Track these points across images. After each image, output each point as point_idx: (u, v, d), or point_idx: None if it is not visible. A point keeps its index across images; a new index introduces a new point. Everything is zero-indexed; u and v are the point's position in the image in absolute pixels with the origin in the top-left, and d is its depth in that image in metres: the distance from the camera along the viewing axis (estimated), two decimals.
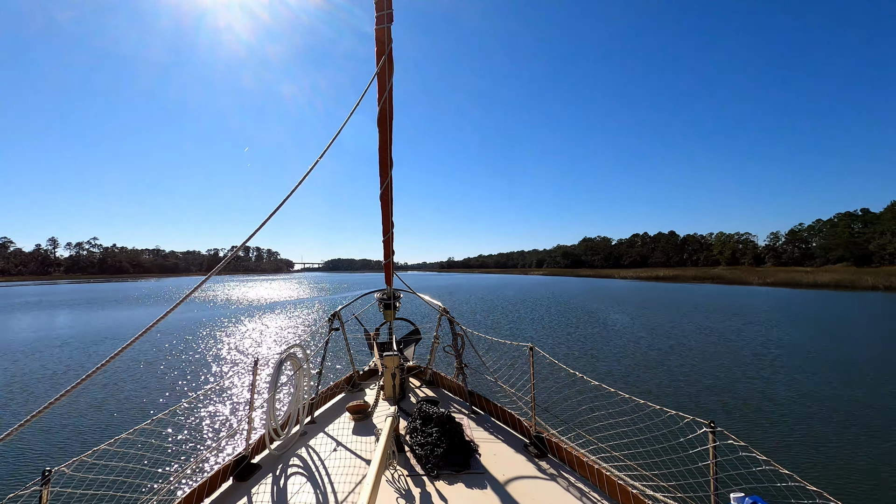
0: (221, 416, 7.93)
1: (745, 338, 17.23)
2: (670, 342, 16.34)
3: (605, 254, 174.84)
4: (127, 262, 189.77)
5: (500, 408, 4.37)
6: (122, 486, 2.82)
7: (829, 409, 8.81)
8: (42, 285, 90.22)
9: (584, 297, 40.41)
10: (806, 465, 6.38)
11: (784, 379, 11.05)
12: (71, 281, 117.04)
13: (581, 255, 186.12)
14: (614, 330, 19.47)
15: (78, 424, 8.13)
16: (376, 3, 3.38)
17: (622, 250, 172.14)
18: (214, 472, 3.20)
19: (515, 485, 3.14)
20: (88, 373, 1.98)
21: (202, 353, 14.89)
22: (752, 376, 11.27)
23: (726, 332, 18.85)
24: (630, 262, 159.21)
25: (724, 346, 15.40)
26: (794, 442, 7.19)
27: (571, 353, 14.29)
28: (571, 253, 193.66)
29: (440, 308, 5.32)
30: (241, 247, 2.91)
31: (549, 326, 20.43)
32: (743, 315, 24.86)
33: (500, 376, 4.91)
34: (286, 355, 3.93)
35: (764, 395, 9.64)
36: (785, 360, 13.24)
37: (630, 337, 17.63)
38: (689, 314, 25.44)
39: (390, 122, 3.99)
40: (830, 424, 7.96)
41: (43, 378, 11.78)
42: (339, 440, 3.98)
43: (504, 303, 33.62)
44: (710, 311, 26.73)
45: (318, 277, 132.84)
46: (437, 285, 68.53)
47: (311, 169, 3.00)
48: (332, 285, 74.69)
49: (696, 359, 13.41)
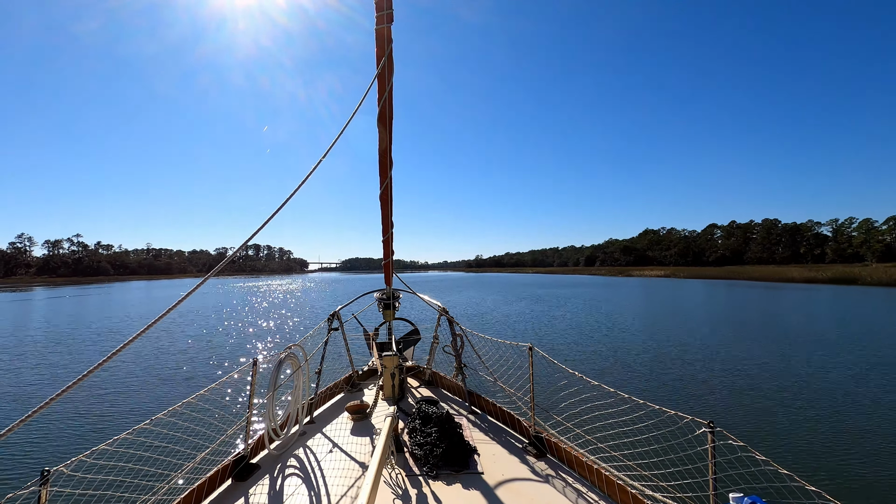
0: (220, 416, 7.91)
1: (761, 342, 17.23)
2: (671, 342, 16.35)
3: (680, 248, 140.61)
4: (108, 262, 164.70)
5: (500, 408, 4.37)
6: (120, 486, 2.81)
7: (829, 408, 8.82)
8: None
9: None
10: (805, 465, 6.39)
11: (784, 378, 11.06)
12: (12, 288, 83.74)
13: (645, 251, 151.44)
14: (616, 330, 19.47)
15: (77, 424, 8.12)
16: (376, 4, 3.38)
17: (702, 244, 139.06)
18: (213, 472, 3.20)
19: (515, 485, 3.14)
20: (86, 373, 1.97)
21: (202, 353, 14.88)
22: (751, 376, 11.29)
23: (728, 332, 18.86)
24: (716, 258, 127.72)
25: (725, 346, 15.42)
26: (794, 442, 7.19)
27: (570, 355, 14.30)
28: (633, 248, 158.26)
29: (439, 308, 5.32)
30: (240, 248, 2.90)
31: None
32: None
33: (500, 376, 4.91)
34: (285, 355, 3.92)
35: (764, 395, 9.65)
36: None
37: (630, 337, 17.64)
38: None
39: (390, 123, 3.99)
40: (830, 424, 7.96)
41: (43, 378, 11.76)
42: (338, 440, 3.97)
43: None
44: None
45: (326, 280, 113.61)
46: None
47: (312, 171, 2.99)
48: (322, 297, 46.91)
49: (697, 359, 13.42)
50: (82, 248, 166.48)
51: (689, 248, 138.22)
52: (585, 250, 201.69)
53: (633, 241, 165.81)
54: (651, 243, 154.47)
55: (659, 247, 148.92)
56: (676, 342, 16.27)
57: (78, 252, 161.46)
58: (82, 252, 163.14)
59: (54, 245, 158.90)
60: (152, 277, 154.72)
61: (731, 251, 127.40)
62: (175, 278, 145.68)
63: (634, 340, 16.74)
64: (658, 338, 17.31)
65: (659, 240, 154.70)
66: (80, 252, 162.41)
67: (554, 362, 3.87)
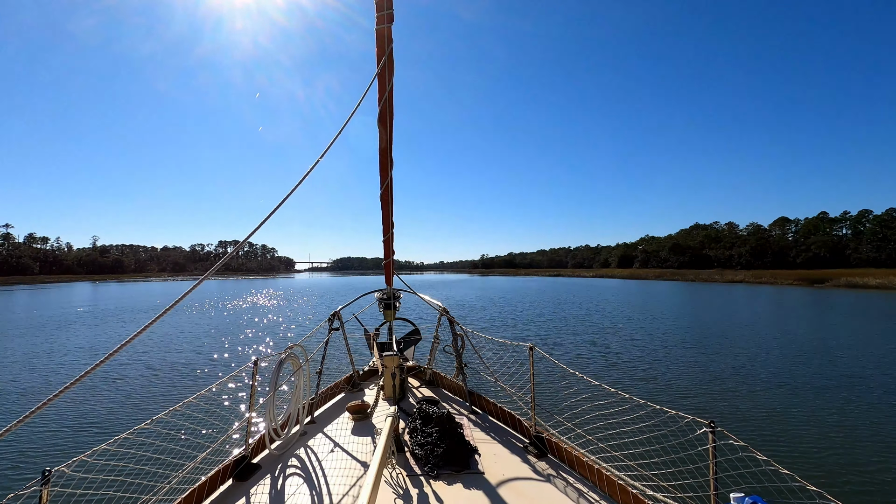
0: (221, 416, 7.94)
1: (748, 337, 17.21)
2: (671, 342, 16.35)
3: (752, 247, 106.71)
4: (32, 258, 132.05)
5: (500, 408, 4.37)
6: (121, 486, 2.81)
7: (829, 408, 8.81)
8: None
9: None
10: (806, 464, 6.38)
11: (784, 378, 11.05)
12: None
13: (702, 250, 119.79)
14: (617, 330, 19.47)
15: (78, 425, 8.13)
16: (377, 3, 3.38)
17: (784, 242, 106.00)
18: (214, 472, 3.20)
19: (515, 485, 3.14)
20: (83, 373, 1.98)
21: (202, 353, 14.90)
22: (751, 376, 11.28)
23: (727, 332, 18.86)
24: (806, 259, 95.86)
25: (725, 347, 15.40)
26: (794, 442, 7.19)
27: (572, 355, 14.29)
28: (685, 246, 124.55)
29: (440, 308, 5.32)
30: (240, 246, 2.90)
31: None
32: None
33: (500, 376, 4.92)
34: (286, 355, 3.92)
35: (764, 395, 9.64)
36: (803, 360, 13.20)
37: (631, 337, 17.64)
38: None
39: (390, 123, 3.99)
40: (830, 424, 7.96)
41: (42, 377, 11.77)
42: (338, 440, 3.98)
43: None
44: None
45: (311, 285, 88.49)
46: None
47: (310, 170, 2.99)
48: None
49: (697, 358, 13.41)
50: (3, 241, 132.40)
51: (765, 247, 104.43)
52: (614, 250, 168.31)
53: (683, 238, 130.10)
54: (707, 240, 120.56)
55: (719, 245, 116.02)
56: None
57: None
58: (2, 246, 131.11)
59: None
60: (87, 277, 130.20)
61: (831, 248, 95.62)
62: (128, 280, 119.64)
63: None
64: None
65: (717, 236, 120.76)
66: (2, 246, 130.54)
67: (555, 362, 3.87)
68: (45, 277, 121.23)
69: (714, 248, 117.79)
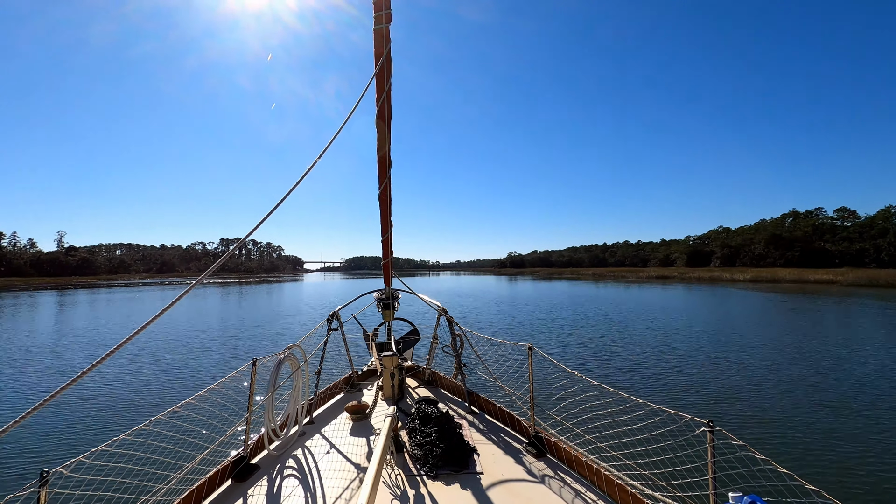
0: (220, 417, 7.89)
1: (747, 339, 17.25)
2: (670, 342, 16.37)
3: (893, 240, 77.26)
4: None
5: (499, 407, 4.37)
6: (120, 487, 2.81)
7: (828, 408, 8.83)
8: None
9: None
10: (804, 464, 6.40)
11: (783, 379, 11.07)
12: None
13: (812, 243, 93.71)
14: (618, 331, 19.49)
15: (76, 426, 8.11)
16: (375, 4, 3.38)
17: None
18: (213, 473, 3.20)
19: (514, 485, 3.14)
20: (81, 372, 1.97)
21: (200, 354, 14.86)
22: (751, 376, 11.30)
23: (728, 332, 18.89)
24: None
25: (726, 346, 15.43)
26: (793, 441, 7.20)
27: (570, 354, 14.30)
28: (789, 238, 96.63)
29: (439, 308, 5.32)
30: (239, 244, 2.90)
31: None
32: None
33: (499, 376, 4.92)
34: (285, 355, 3.92)
35: (763, 395, 9.66)
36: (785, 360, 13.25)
37: (630, 337, 17.65)
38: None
39: (389, 122, 3.99)
40: (830, 424, 7.98)
41: (42, 377, 11.73)
42: (337, 441, 3.97)
43: None
44: None
45: (310, 289, 62.63)
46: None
47: (308, 170, 2.99)
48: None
49: (696, 358, 13.43)
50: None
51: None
52: (675, 245, 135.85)
53: (780, 229, 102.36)
54: (817, 232, 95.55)
55: (834, 238, 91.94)
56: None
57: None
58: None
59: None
60: (49, 281, 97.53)
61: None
62: (73, 289, 69.33)
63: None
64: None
65: (832, 228, 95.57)
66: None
67: (553, 362, 3.87)
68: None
69: (828, 240, 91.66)
